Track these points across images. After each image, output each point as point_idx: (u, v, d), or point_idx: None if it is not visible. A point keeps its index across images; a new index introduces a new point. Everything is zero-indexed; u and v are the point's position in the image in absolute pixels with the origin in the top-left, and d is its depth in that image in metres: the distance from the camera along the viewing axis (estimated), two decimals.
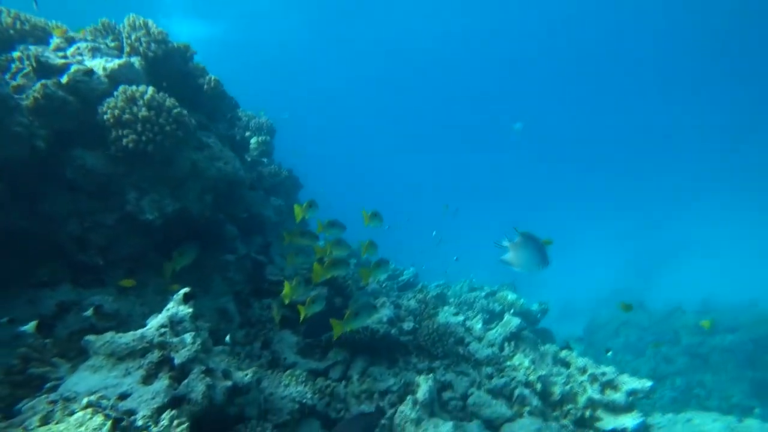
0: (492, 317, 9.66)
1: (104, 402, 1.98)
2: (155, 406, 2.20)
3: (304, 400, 3.39)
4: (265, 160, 10.53)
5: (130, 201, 3.72)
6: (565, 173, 43.80)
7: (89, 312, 3.35)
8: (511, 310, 10.09)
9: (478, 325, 6.52)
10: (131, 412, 2.13)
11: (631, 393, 4.59)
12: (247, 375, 2.84)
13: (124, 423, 1.88)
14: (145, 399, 2.24)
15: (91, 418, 1.71)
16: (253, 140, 10.27)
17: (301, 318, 3.77)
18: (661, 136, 36.94)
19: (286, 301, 3.94)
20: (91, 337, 2.59)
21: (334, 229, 4.28)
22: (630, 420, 4.35)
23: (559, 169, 43.79)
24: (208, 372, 2.62)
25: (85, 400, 1.90)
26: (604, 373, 4.83)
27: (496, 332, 6.21)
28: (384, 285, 8.54)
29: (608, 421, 4.42)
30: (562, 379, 5.00)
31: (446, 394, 4.66)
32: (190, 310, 2.81)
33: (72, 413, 1.82)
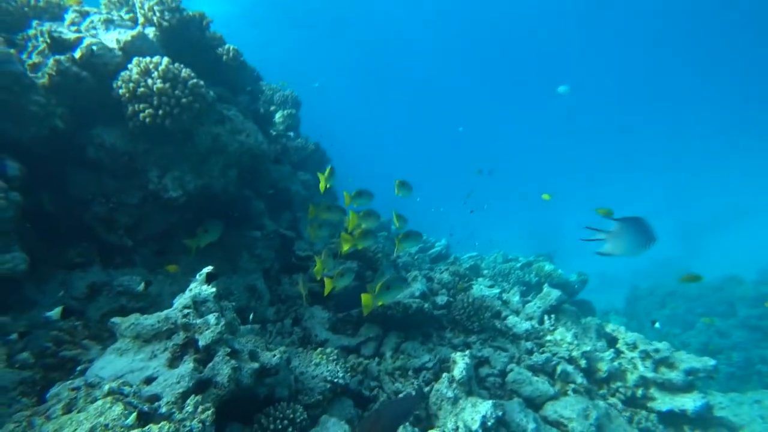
0: (528, 289, 9.37)
1: (126, 389, 1.89)
2: (180, 391, 2.11)
3: (336, 380, 3.29)
4: (291, 134, 10.38)
5: (153, 179, 3.63)
6: (605, 138, 41.72)
7: (140, 287, 3.32)
8: (549, 282, 9.76)
9: (515, 298, 6.26)
10: (155, 398, 2.04)
11: (691, 372, 4.25)
12: (275, 356, 2.73)
13: (146, 409, 1.78)
14: (170, 383, 2.16)
15: (110, 407, 1.62)
16: (278, 114, 10.12)
17: (326, 291, 3.64)
18: (708, 91, 34.28)
19: (318, 277, 3.82)
20: (116, 320, 2.52)
21: (362, 198, 4.08)
22: (690, 401, 4.03)
23: (599, 135, 41.74)
24: (234, 354, 2.51)
25: (106, 387, 1.82)
26: (657, 350, 4.49)
27: (535, 305, 5.93)
28: (416, 257, 8.36)
29: (663, 401, 4.12)
30: (608, 355, 4.71)
31: (484, 371, 4.48)
32: (213, 290, 2.70)
33: (95, 400, 1.74)
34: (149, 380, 2.20)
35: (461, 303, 5.01)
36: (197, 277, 2.78)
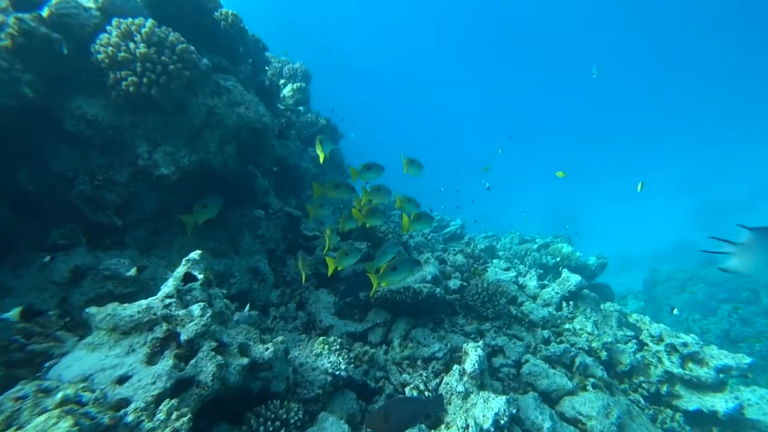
0: (545, 271, 9.03)
1: (86, 395, 1.65)
2: (154, 393, 1.87)
3: (338, 372, 3.05)
4: (301, 108, 10.02)
5: (142, 155, 3.36)
6: (625, 112, 40.19)
7: (132, 271, 3.10)
8: (567, 264, 9.41)
9: (532, 282, 5.94)
10: (124, 403, 1.81)
11: (723, 369, 3.91)
12: (268, 349, 2.48)
13: (105, 421, 1.54)
14: (144, 384, 1.92)
15: (55, 423, 1.37)
16: (287, 88, 9.74)
17: (329, 271, 3.37)
18: (745, 66, 32.49)
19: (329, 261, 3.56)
20: (92, 310, 2.29)
21: (371, 172, 3.76)
22: (721, 402, 3.71)
23: (619, 109, 40.19)
24: (221, 348, 2.27)
25: (59, 395, 1.57)
26: (685, 344, 4.15)
27: (553, 290, 5.61)
28: (429, 238, 8.05)
29: (691, 400, 3.81)
30: (631, 347, 4.39)
31: (497, 360, 4.22)
32: (201, 276, 2.44)
33: (43, 412, 1.50)
34: (122, 380, 1.96)
35: (475, 288, 4.71)
36: (183, 261, 2.52)
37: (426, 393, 3.35)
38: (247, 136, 4.25)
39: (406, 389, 3.38)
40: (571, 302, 5.35)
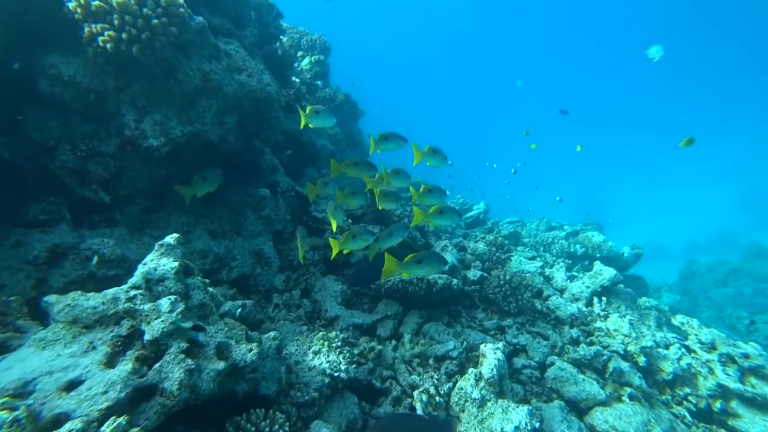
0: (573, 261, 8.47)
1: (1, 413, 1.33)
2: (101, 407, 1.55)
3: (337, 374, 2.71)
4: (319, 83, 9.57)
5: (129, 124, 3.03)
6: (665, 96, 37.94)
7: (115, 251, 2.83)
8: (597, 254, 8.81)
9: (559, 274, 5.44)
10: (64, 418, 1.49)
11: None
12: (252, 350, 2.14)
13: None
14: (94, 394, 1.60)
15: None
16: (305, 60, 9.29)
17: (333, 254, 2.98)
18: None
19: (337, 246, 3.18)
20: (50, 298, 1.99)
21: (389, 143, 3.36)
22: None
23: (660, 93, 37.95)
24: (194, 349, 1.94)
25: None
26: (746, 355, 3.61)
27: (583, 284, 5.11)
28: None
29: (753, 421, 3.30)
30: (674, 352, 3.88)
31: (519, 361, 3.80)
32: (175, 264, 2.10)
33: None
34: (71, 386, 1.65)
35: (497, 280, 4.27)
36: (157, 245, 2.19)
37: (437, 398, 2.98)
38: (249, 107, 3.87)
39: (415, 393, 3.02)
40: (603, 298, 4.85)
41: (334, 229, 3.16)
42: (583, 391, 3.41)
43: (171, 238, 2.19)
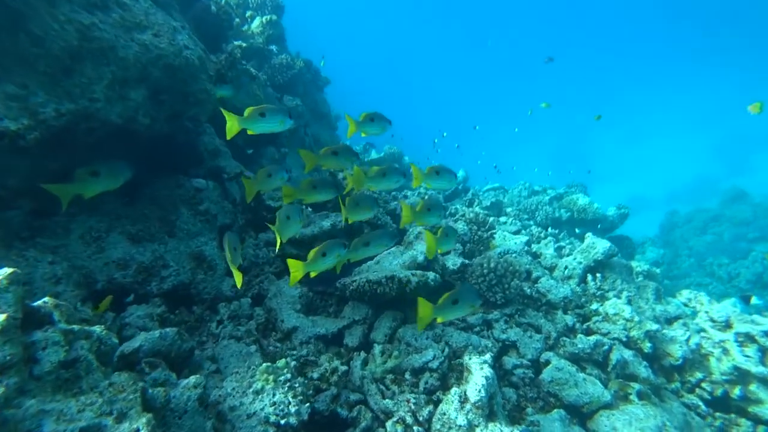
0: (558, 227, 8.03)
1: None
2: None
3: (285, 420, 2.12)
4: (274, 47, 8.62)
5: None
6: (636, 45, 37.24)
7: None
8: (583, 217, 8.41)
9: (548, 250, 4.93)
10: None
11: None
12: (139, 429, 1.51)
13: None
14: None
15: None
16: (255, 22, 8.28)
17: (291, 280, 2.37)
18: None
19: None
20: None
21: (374, 126, 2.74)
22: None
23: (629, 42, 37.20)
24: None
25: None
26: (767, 333, 3.15)
27: (575, 260, 4.60)
28: (425, 197, 6.96)
29: None
30: (682, 333, 3.42)
31: (510, 360, 3.30)
32: (7, 313, 1.43)
33: None
34: None
35: (480, 269, 3.71)
36: None
37: (415, 428, 2.44)
38: (161, 78, 3.10)
39: (388, 424, 2.47)
40: (598, 274, 4.36)
41: (277, 248, 2.49)
42: (585, 393, 2.92)
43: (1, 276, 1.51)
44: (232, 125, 2.31)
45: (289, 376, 2.32)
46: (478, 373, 2.47)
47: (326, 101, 9.55)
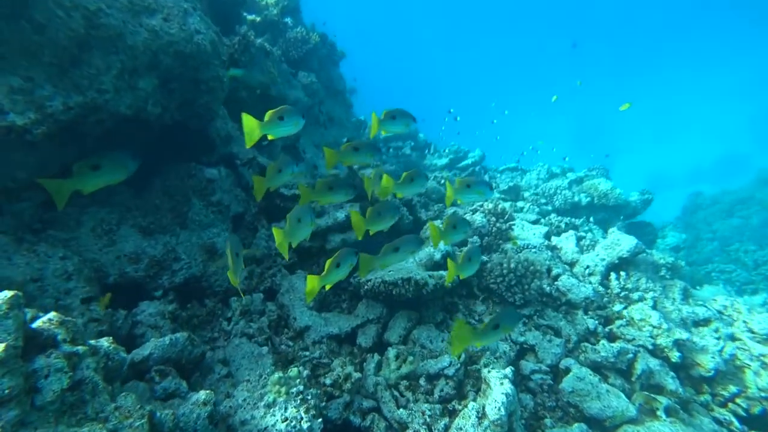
0: (577, 211, 7.78)
1: None
2: None
3: None
4: (288, 20, 8.28)
5: None
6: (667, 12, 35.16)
7: None
8: (605, 202, 8.13)
9: (569, 244, 4.74)
10: None
11: None
12: None
13: None
14: None
15: None
16: None
17: (308, 298, 2.25)
18: None
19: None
20: None
21: (396, 124, 2.61)
22: None
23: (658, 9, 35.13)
24: None
25: None
26: None
27: (597, 256, 4.42)
28: (442, 181, 6.74)
29: None
30: (714, 343, 3.26)
31: (527, 365, 3.19)
32: (9, 339, 1.35)
33: None
34: None
35: (499, 268, 3.56)
36: None
37: None
38: (172, 65, 2.93)
39: None
40: (622, 272, 4.18)
41: (286, 256, 2.33)
42: (608, 407, 2.81)
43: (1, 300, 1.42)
44: (252, 131, 2.15)
45: (301, 387, 2.24)
46: (498, 389, 2.37)
47: (342, 77, 9.23)
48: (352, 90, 10.27)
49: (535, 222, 5.76)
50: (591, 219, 7.40)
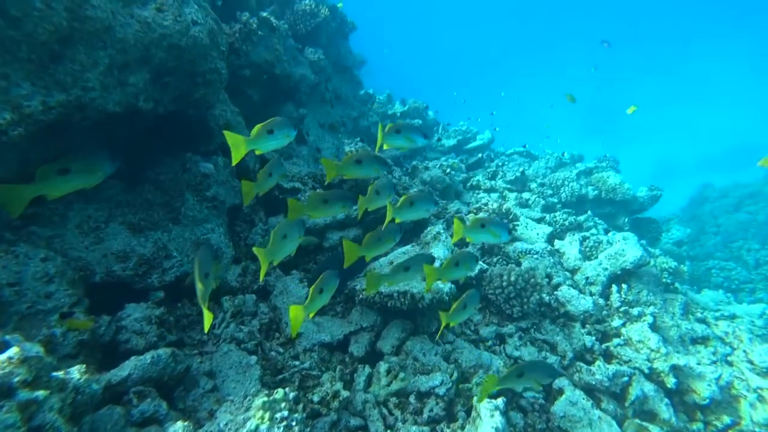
0: (581, 204, 7.63)
1: None
2: None
3: None
4: None
5: None
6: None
7: None
8: (613, 197, 7.97)
9: (572, 250, 4.62)
10: None
11: None
12: None
13: None
14: None
15: None
16: None
17: (293, 332, 2.16)
18: None
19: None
20: None
21: (399, 138, 2.44)
22: None
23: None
24: None
25: None
26: None
27: (600, 265, 4.31)
28: (448, 171, 6.56)
29: None
30: (711, 371, 3.20)
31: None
32: None
33: None
34: None
35: (499, 280, 3.46)
36: None
37: None
38: (166, 59, 2.74)
39: None
40: (623, 285, 4.09)
41: (261, 276, 2.22)
42: None
43: None
44: (239, 150, 1.99)
45: (286, 413, 2.19)
46: (489, 421, 2.33)
47: (351, 52, 8.83)
48: (362, 62, 9.87)
49: (540, 220, 5.62)
50: (594, 214, 7.27)
